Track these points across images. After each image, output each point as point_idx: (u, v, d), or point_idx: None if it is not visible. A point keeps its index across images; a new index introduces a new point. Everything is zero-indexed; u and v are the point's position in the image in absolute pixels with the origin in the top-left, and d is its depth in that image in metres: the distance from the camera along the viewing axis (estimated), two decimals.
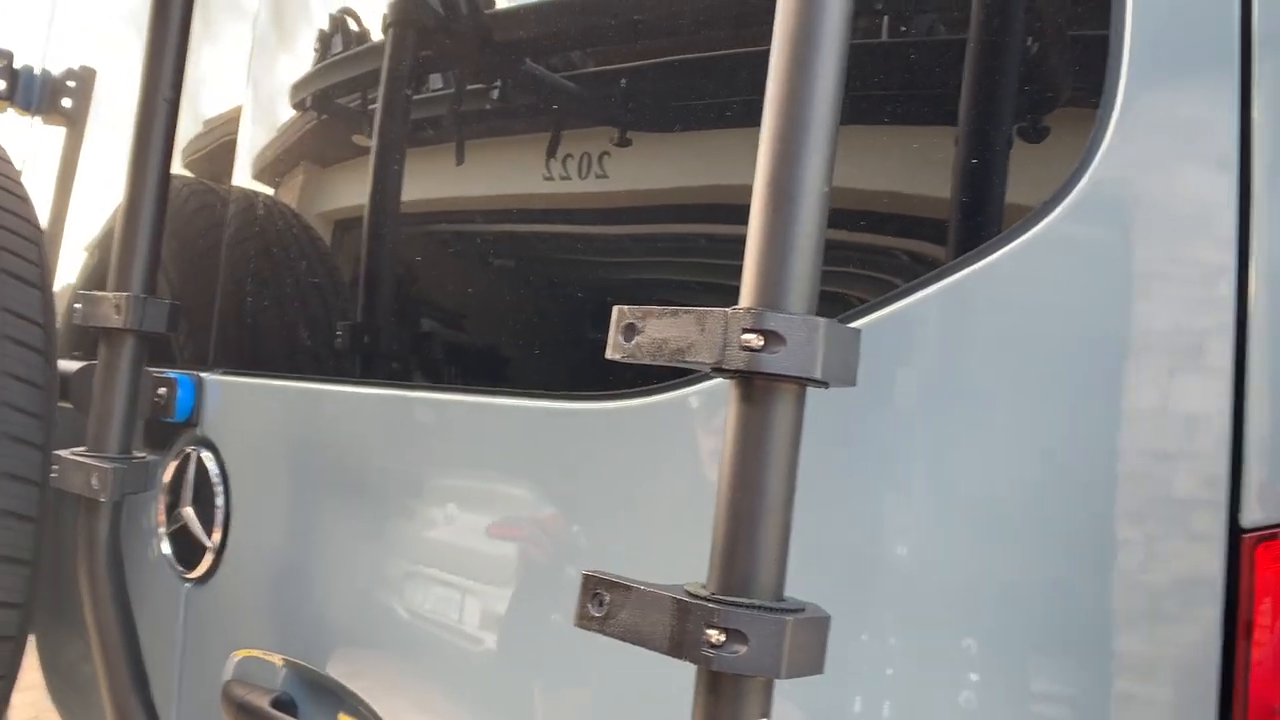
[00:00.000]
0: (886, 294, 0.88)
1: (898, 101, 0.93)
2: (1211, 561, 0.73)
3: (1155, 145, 0.79)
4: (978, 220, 0.87)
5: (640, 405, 1.01)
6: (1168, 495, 0.75)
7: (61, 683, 1.96)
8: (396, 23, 1.39)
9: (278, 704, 1.33)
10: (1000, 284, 0.83)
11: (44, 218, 2.21)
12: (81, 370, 1.64)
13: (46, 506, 1.50)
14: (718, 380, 0.93)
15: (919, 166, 0.91)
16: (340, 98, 1.50)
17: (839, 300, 0.92)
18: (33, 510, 1.47)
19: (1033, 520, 0.80)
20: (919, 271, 0.87)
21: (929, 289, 0.86)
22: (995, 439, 0.82)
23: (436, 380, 1.29)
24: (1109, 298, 0.79)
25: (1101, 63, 0.82)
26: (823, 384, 0.71)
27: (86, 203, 2.22)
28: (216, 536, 1.46)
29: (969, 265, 0.84)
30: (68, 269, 2.16)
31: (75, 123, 2.26)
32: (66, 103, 2.27)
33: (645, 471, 1.01)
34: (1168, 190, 0.78)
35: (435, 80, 1.39)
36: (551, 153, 1.18)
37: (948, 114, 0.90)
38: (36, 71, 2.31)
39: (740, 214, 0.74)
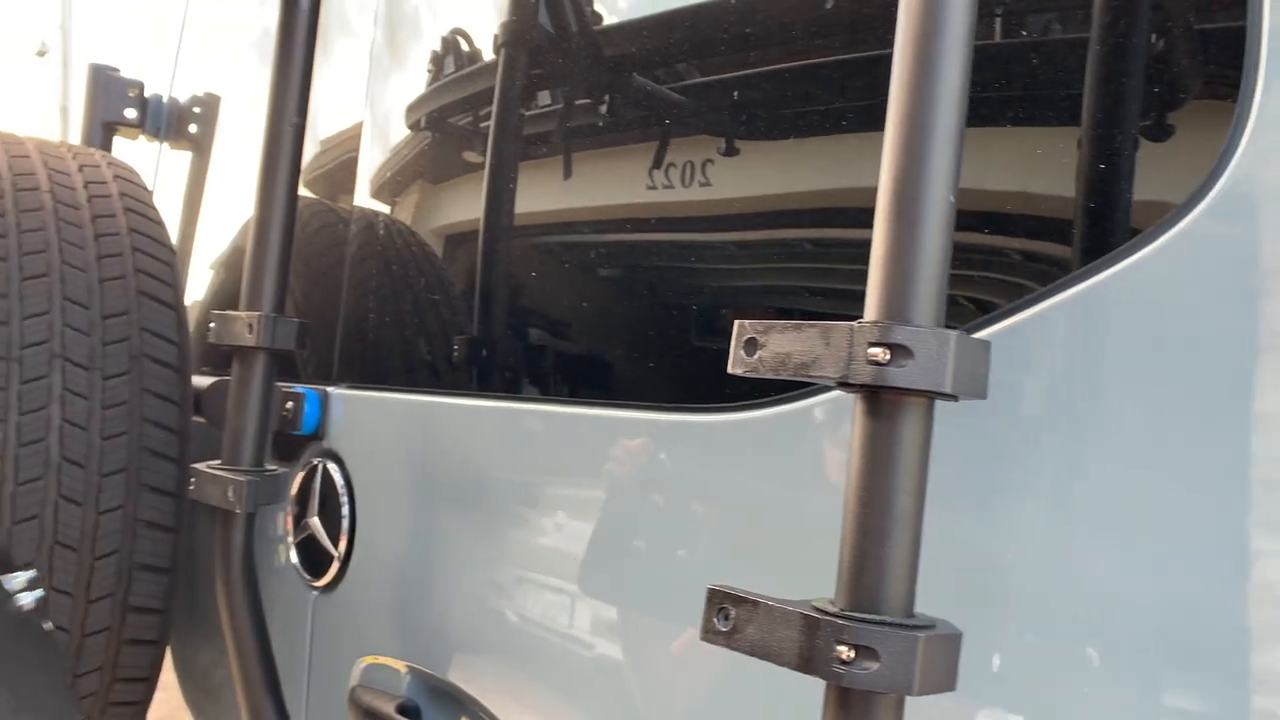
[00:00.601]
0: (1018, 300, 0.86)
1: (1023, 104, 0.91)
2: None
3: None
4: (1112, 222, 0.84)
5: (760, 417, 1.00)
6: None
7: (194, 686, 2.04)
8: (507, 42, 1.42)
9: (403, 710, 1.37)
10: (1139, 287, 0.80)
11: (173, 238, 2.31)
12: (214, 386, 1.71)
13: (183, 517, 1.57)
14: (840, 391, 0.92)
15: (1049, 169, 0.89)
16: (454, 116, 1.54)
17: (971, 307, 0.91)
18: (172, 520, 1.54)
19: (1172, 530, 0.77)
20: (1053, 276, 0.85)
21: (1063, 294, 0.84)
22: (1131, 448, 0.79)
23: (552, 393, 1.31)
24: (1252, 297, 0.76)
25: (1238, 56, 0.79)
26: (952, 397, 0.70)
27: (212, 224, 2.31)
28: (342, 546, 1.50)
29: (1106, 269, 0.82)
30: (196, 287, 2.26)
31: (201, 148, 2.36)
32: (193, 128, 2.37)
33: (765, 484, 1.01)
34: None
35: (545, 96, 1.41)
36: (660, 163, 1.18)
37: (1076, 114, 0.88)
38: (165, 99, 2.42)
39: (860, 220, 0.73)
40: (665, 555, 1.08)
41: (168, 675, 2.14)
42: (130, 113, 2.37)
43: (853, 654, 0.68)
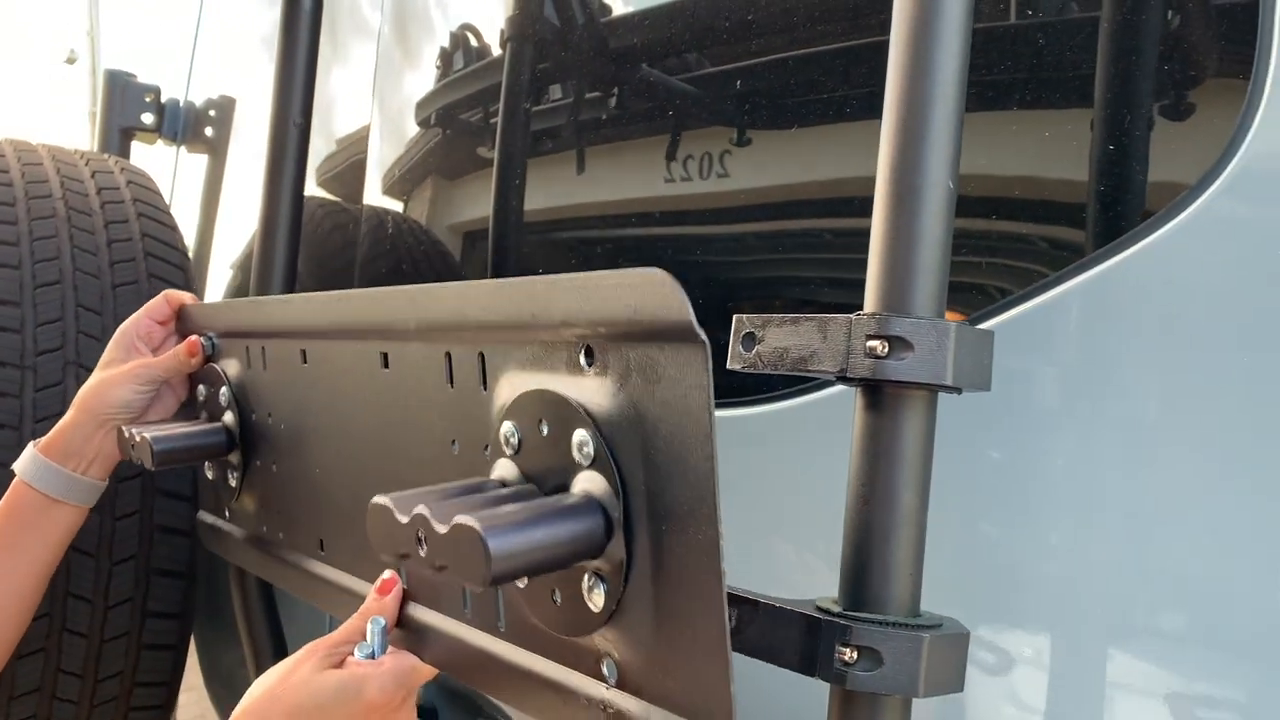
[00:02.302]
0: (1029, 287, 0.84)
1: (1028, 86, 0.89)
2: None
3: None
4: (1125, 205, 0.82)
5: (764, 412, 0.99)
6: None
7: (220, 687, 2.05)
8: (515, 36, 1.41)
9: (421, 712, 1.36)
10: (1152, 271, 0.78)
11: (190, 241, 2.32)
12: None
13: None
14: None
15: (1056, 152, 0.86)
16: (463, 112, 1.53)
17: (980, 295, 0.89)
18: (189, 525, 1.55)
19: (1190, 518, 0.74)
20: (1063, 262, 0.83)
21: (1075, 279, 0.81)
22: (1148, 435, 0.77)
23: None
24: (1269, 279, 0.73)
25: (1251, 33, 0.76)
26: (955, 390, 0.68)
27: (230, 226, 2.32)
28: None
29: (1119, 253, 0.79)
30: (214, 290, 2.27)
31: (217, 150, 2.37)
32: (209, 131, 2.38)
33: (768, 481, 0.99)
34: None
35: (555, 91, 1.39)
36: (672, 155, 1.17)
37: (1085, 96, 0.85)
38: (181, 103, 2.43)
39: (863, 209, 0.71)
40: None
41: (197, 677, 2.16)
42: (147, 118, 2.39)
43: (855, 655, 0.66)
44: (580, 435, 0.72)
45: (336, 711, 0.87)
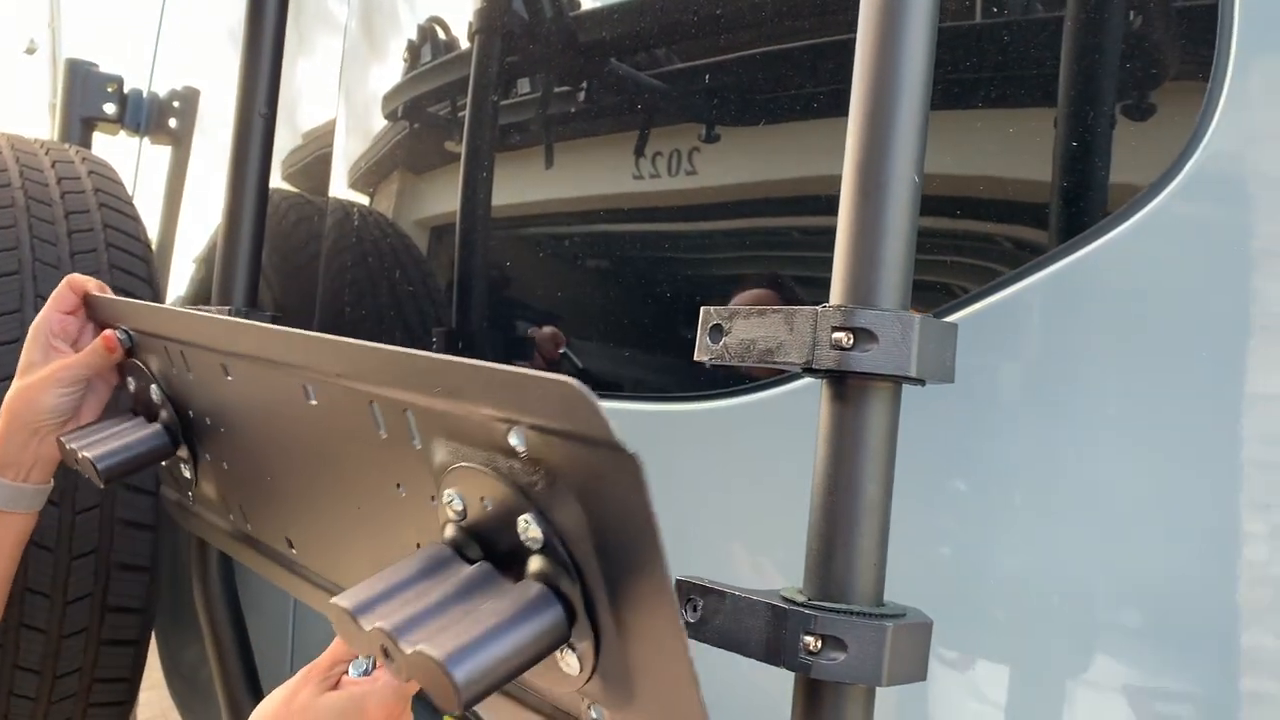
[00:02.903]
0: (989, 283, 0.85)
1: (993, 84, 0.90)
2: None
3: (1269, 118, 0.75)
4: (1083, 204, 0.83)
5: (732, 405, 0.99)
6: None
7: (183, 684, 2.03)
8: (483, 30, 1.40)
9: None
10: (1109, 269, 0.79)
11: (154, 233, 2.30)
12: None
13: (164, 514, 1.55)
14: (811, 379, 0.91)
15: (1018, 150, 0.87)
16: (431, 106, 1.52)
17: (942, 292, 0.90)
18: (151, 518, 1.53)
19: (1149, 514, 0.76)
20: (1022, 259, 0.84)
21: (1033, 277, 0.82)
22: (1106, 431, 0.78)
23: None
24: (1224, 279, 0.74)
25: (1210, 34, 0.78)
26: (919, 381, 0.69)
27: (194, 218, 2.30)
28: None
29: (1075, 251, 0.81)
30: (178, 282, 2.24)
31: (181, 141, 2.34)
32: (173, 123, 2.36)
33: (737, 473, 1.00)
34: None
35: (523, 84, 1.39)
36: (640, 151, 1.17)
37: (1047, 95, 0.86)
38: (144, 94, 2.40)
39: (832, 206, 0.72)
40: None
41: (159, 673, 2.14)
42: (109, 108, 2.36)
43: (819, 644, 0.67)
44: (524, 520, 0.68)
45: None
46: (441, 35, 1.52)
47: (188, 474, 1.24)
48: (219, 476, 1.18)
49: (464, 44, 1.45)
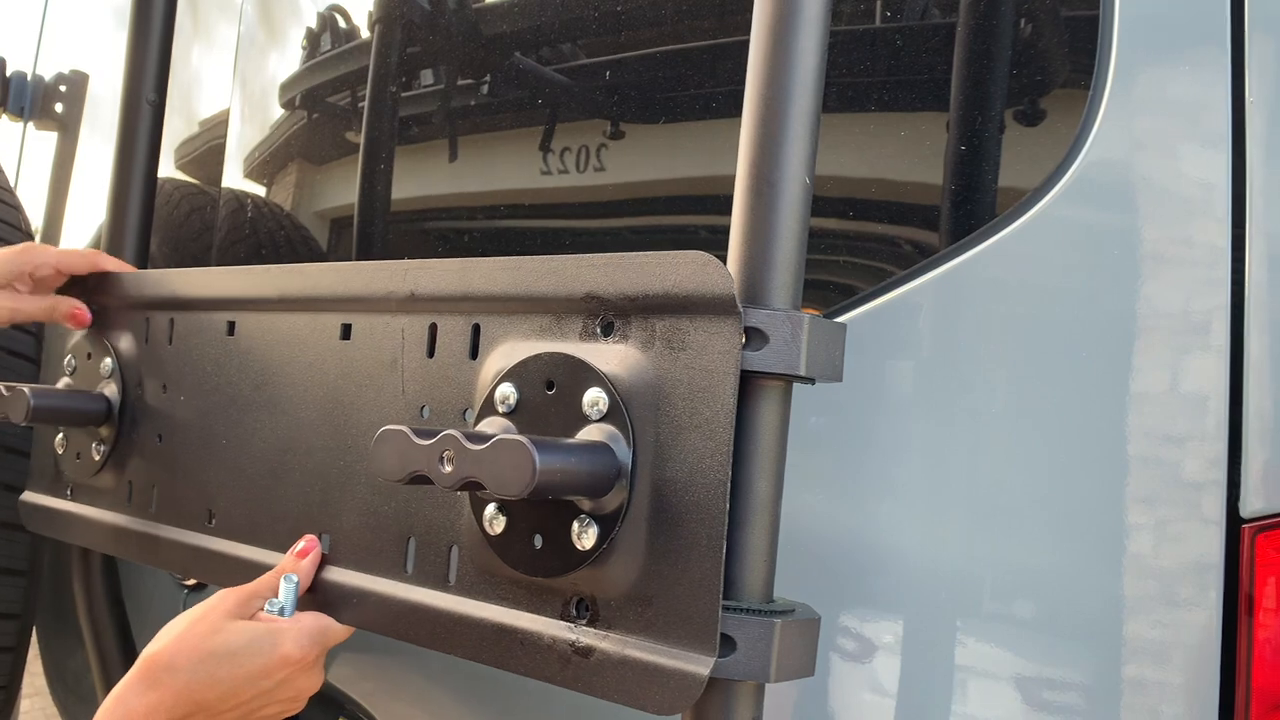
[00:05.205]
0: (880, 284, 0.86)
1: (886, 88, 0.91)
2: (1214, 547, 0.71)
3: (1148, 125, 0.77)
4: (971, 206, 0.85)
5: None
6: (1171, 479, 0.73)
7: (66, 692, 1.96)
8: (384, 19, 1.38)
9: None
10: (996, 270, 0.81)
11: (39, 223, 2.21)
12: None
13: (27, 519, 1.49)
14: None
15: (909, 153, 0.89)
16: (330, 95, 1.49)
17: (836, 291, 0.91)
18: None
19: (1033, 508, 0.78)
20: (912, 260, 0.86)
21: (923, 277, 0.84)
22: (994, 427, 0.80)
23: None
24: (1105, 280, 0.77)
25: (1092, 43, 0.80)
26: (808, 380, 0.70)
27: (81, 207, 2.21)
28: None
29: (965, 252, 0.82)
30: None
31: (68, 127, 2.25)
32: (59, 108, 2.26)
33: None
34: (1162, 170, 0.76)
35: (425, 76, 1.37)
36: (544, 146, 1.16)
37: (938, 99, 0.88)
38: (29, 77, 2.30)
39: (728, 206, 0.72)
40: None
41: (39, 680, 2.06)
42: None
43: None
44: (593, 394, 0.75)
45: (250, 662, 0.85)
46: (342, 23, 1.48)
47: (96, 456, 1.23)
48: (143, 454, 1.19)
49: (364, 33, 1.42)
